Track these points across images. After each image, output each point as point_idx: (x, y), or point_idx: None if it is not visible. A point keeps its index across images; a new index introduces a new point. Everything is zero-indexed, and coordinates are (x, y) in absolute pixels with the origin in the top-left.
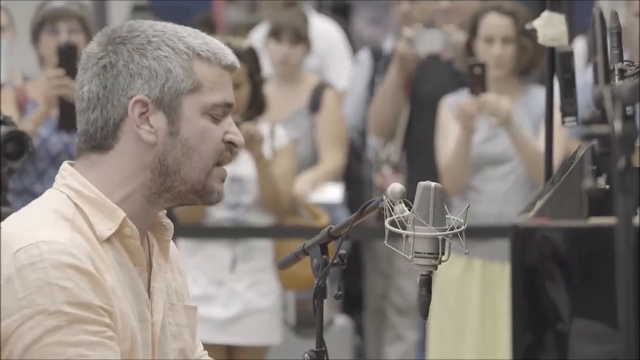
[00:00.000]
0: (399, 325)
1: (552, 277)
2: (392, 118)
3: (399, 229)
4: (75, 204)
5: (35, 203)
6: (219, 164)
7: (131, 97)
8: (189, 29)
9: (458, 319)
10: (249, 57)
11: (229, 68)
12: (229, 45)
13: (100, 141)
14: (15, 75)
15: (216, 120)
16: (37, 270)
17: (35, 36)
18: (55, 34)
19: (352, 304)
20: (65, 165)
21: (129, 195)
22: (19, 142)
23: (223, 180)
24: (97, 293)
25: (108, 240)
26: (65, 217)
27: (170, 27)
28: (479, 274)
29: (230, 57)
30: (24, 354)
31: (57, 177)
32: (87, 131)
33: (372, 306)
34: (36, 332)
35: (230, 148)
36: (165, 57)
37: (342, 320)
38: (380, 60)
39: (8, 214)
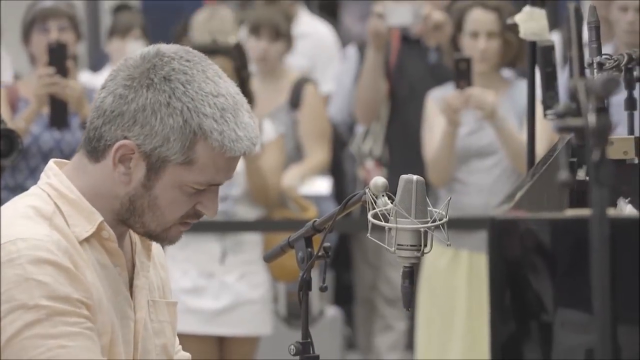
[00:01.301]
0: (388, 315)
1: (533, 268)
2: (375, 102)
3: (381, 221)
4: (55, 203)
5: (16, 200)
6: (182, 222)
7: (125, 137)
8: (223, 103)
9: (446, 308)
10: (236, 54)
11: (235, 159)
12: (215, 42)
13: (92, 150)
14: (6, 74)
15: (194, 190)
16: (15, 267)
17: (26, 35)
18: (46, 33)
19: (342, 294)
20: (51, 164)
21: (101, 209)
22: (8, 140)
23: (181, 233)
24: (75, 287)
25: (87, 240)
26: (44, 215)
27: (204, 92)
28: (466, 265)
29: (240, 150)
30: (5, 347)
31: (42, 174)
32: (88, 131)
33: (362, 297)
34: (16, 326)
35: (198, 214)
36: (172, 127)
37: (332, 311)
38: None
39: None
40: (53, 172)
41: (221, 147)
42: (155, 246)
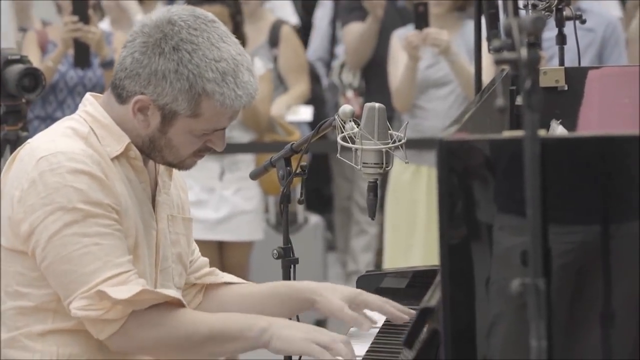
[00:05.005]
0: (362, 221)
1: (475, 181)
2: (366, 55)
3: (349, 143)
4: (90, 127)
5: (58, 122)
6: (195, 155)
7: (141, 93)
8: (224, 67)
9: (409, 215)
10: (231, 1)
11: (237, 110)
12: None
13: (118, 94)
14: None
15: (203, 133)
16: (56, 175)
17: None
18: None
19: (323, 204)
20: (87, 95)
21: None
22: (33, 78)
23: (195, 162)
24: (105, 194)
25: (117, 158)
26: (81, 135)
27: (208, 58)
28: (426, 178)
29: (240, 106)
30: (48, 243)
31: (80, 104)
32: (114, 79)
33: (340, 206)
34: (57, 225)
35: (209, 149)
36: (179, 89)
37: (315, 219)
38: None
39: (27, 139)
40: (89, 102)
41: (222, 105)
42: (176, 170)
